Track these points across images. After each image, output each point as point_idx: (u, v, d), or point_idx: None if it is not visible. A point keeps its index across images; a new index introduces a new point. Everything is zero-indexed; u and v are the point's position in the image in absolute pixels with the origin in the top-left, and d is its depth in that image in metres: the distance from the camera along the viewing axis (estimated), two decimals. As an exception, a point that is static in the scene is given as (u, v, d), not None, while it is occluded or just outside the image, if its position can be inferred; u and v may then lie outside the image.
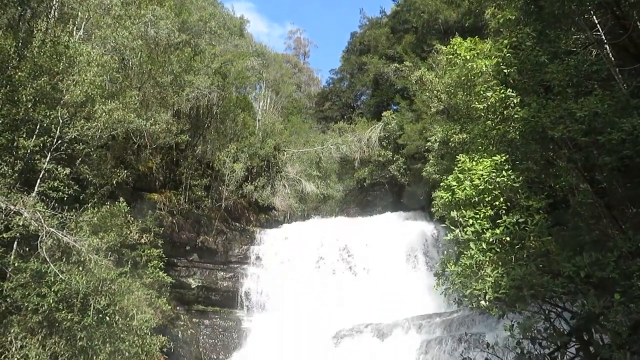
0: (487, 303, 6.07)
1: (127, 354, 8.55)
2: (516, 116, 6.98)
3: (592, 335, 5.77)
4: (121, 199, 10.20)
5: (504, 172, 6.57)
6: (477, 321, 10.17)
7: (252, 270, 15.40)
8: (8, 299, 7.95)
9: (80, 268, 8.44)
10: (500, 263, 6.03)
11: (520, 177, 6.62)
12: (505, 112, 7.40)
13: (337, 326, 12.83)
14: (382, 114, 21.81)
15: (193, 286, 14.17)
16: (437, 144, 14.69)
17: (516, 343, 6.12)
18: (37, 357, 7.54)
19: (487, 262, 6.10)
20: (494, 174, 6.57)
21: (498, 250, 6.18)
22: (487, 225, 6.25)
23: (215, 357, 12.99)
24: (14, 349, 7.41)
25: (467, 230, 6.28)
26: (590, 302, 5.19)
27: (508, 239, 6.16)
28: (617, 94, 6.56)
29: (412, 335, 11.27)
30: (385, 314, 13.41)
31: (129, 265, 10.05)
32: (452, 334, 10.46)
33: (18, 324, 7.76)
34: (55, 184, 9.19)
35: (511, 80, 7.72)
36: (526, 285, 5.66)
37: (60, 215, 8.58)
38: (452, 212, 6.52)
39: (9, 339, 7.48)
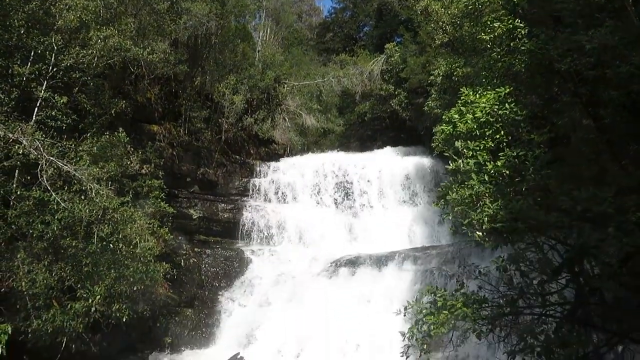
0: (483, 234, 6.20)
1: (131, 279, 8.83)
2: (523, 48, 6.81)
3: (583, 268, 5.94)
4: (120, 130, 10.16)
5: (506, 105, 6.51)
6: (472, 254, 10.41)
7: (252, 202, 15.59)
8: (13, 226, 8.10)
9: (82, 197, 8.54)
10: (499, 195, 6.10)
11: (524, 111, 6.57)
12: (512, 44, 7.22)
13: (335, 256, 13.18)
14: (385, 47, 21.23)
15: (194, 217, 14.41)
16: (440, 78, 14.42)
17: (507, 272, 6.33)
18: (44, 281, 7.79)
19: (486, 194, 6.17)
20: (496, 107, 6.51)
21: (498, 182, 6.23)
22: (488, 158, 6.27)
23: (217, 284, 13.41)
24: (21, 273, 7.65)
25: (469, 162, 6.31)
26: (585, 235, 5.29)
27: (508, 172, 6.19)
28: (629, 26, 6.36)
29: (407, 266, 11.59)
30: (383, 247, 13.77)
31: (131, 195, 10.18)
32: (446, 265, 10.77)
33: (24, 249, 7.97)
34: (53, 113, 9.14)
35: (520, 11, 7.46)
36: (522, 218, 5.74)
37: (60, 145, 8.58)
38: (456, 142, 6.51)
39: (16, 263, 7.70)
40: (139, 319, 10.12)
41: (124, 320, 9.01)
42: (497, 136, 6.46)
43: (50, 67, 9.26)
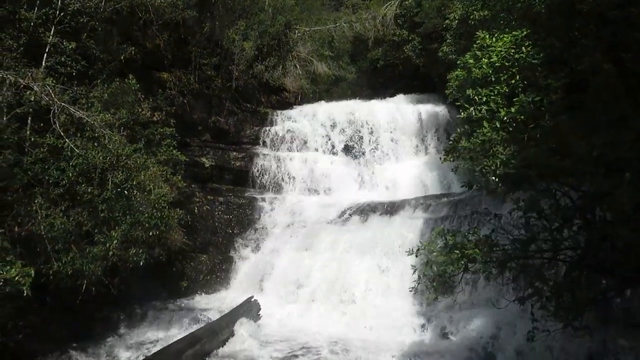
0: (496, 180, 6.18)
1: (146, 225, 9.01)
2: (544, -13, 6.52)
3: (596, 214, 5.93)
4: (130, 76, 10.08)
5: (523, 49, 6.31)
6: (484, 202, 10.43)
7: (263, 150, 15.60)
8: (29, 172, 8.23)
9: (95, 144, 8.61)
10: (512, 142, 6.03)
11: (541, 54, 6.37)
12: (532, -16, 6.91)
13: (346, 204, 13.28)
14: (399, -11, 20.47)
15: (206, 165, 14.48)
16: (456, 22, 13.95)
17: (519, 217, 6.34)
18: (62, 225, 7.98)
19: (499, 141, 6.09)
20: (513, 51, 6.32)
21: (511, 129, 6.13)
22: (502, 104, 6.15)
23: (230, 231, 13.66)
24: (39, 218, 7.83)
25: (481, 109, 6.20)
26: (599, 181, 5.24)
27: (522, 117, 6.08)
28: (657, -39, 6.02)
29: (419, 214, 11.66)
30: (394, 195, 13.83)
31: (143, 143, 10.24)
32: (458, 212, 10.81)
33: (41, 195, 8.12)
34: (63, 59, 9.09)
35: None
36: (535, 164, 5.69)
37: (70, 91, 8.57)
38: (467, 90, 6.37)
39: (34, 208, 7.87)
40: (156, 263, 10.42)
41: (141, 264, 9.28)
42: (513, 81, 6.31)
43: (58, 12, 9.13)
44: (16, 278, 6.56)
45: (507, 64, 6.38)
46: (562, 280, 5.52)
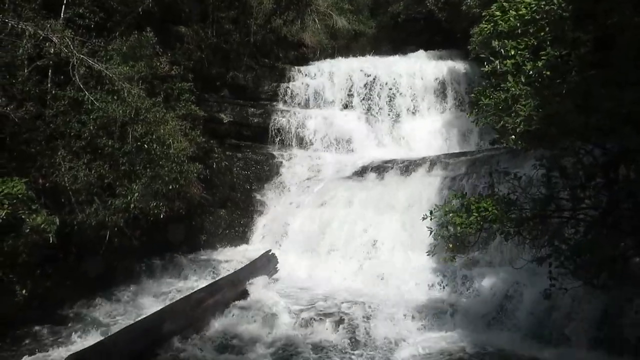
0: (516, 137, 6.07)
1: (166, 178, 9.15)
2: None
3: (619, 173, 5.82)
4: (148, 29, 9.99)
5: (554, 0, 6.05)
6: (503, 160, 10.29)
7: (281, 107, 15.51)
8: (51, 125, 8.35)
9: (115, 97, 8.65)
10: (536, 98, 5.88)
11: (570, 6, 6.11)
12: None
13: (364, 161, 13.26)
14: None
15: (225, 121, 14.50)
16: (482, -27, 13.41)
17: (539, 176, 6.26)
18: (85, 178, 8.16)
19: (523, 96, 5.95)
20: (543, 3, 6.07)
21: (537, 84, 5.97)
22: (529, 57, 5.96)
23: (248, 187, 13.80)
24: (63, 170, 8.00)
25: (506, 62, 6.03)
26: (626, 138, 5.12)
27: (548, 72, 5.90)
28: None
29: (437, 172, 11.58)
30: (413, 153, 13.73)
31: (162, 97, 10.26)
32: (476, 171, 10.71)
33: (64, 148, 8.27)
34: (81, 11, 9.03)
35: None
36: (559, 121, 5.57)
37: (89, 43, 8.56)
38: (493, 41, 6.18)
39: (58, 160, 8.04)
40: (176, 217, 10.62)
41: (161, 217, 9.48)
42: (541, 34, 6.08)
43: (75, -38, 9.01)
44: (42, 226, 6.78)
45: (536, 16, 6.14)
46: (582, 239, 5.48)
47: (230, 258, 10.94)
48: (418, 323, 7.93)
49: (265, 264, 9.86)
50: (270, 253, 10.22)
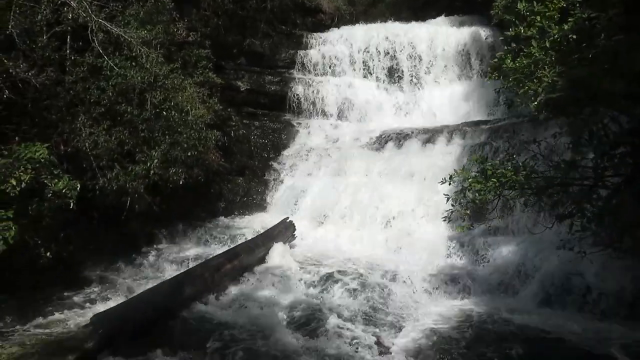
0: (539, 104, 5.93)
1: (185, 145, 9.22)
2: None
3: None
4: (164, -7, 9.90)
5: (583, -41, 5.81)
6: (525, 129, 10.13)
7: (299, 75, 15.37)
8: (71, 91, 8.41)
9: (133, 63, 8.65)
10: (561, 63, 5.71)
11: (601, -34, 5.85)
12: None
13: (382, 130, 13.15)
14: None
15: (242, 89, 14.45)
16: None
17: (562, 143, 6.15)
18: (106, 143, 8.26)
19: (547, 62, 5.78)
20: (571, -38, 5.83)
21: (562, 49, 5.78)
22: (555, 21, 5.77)
23: (265, 155, 13.84)
24: (84, 135, 8.09)
25: (531, 26, 5.85)
26: (654, 103, 4.97)
27: (575, 36, 5.71)
28: None
29: (456, 140, 11.45)
30: (432, 121, 13.57)
31: (179, 64, 10.23)
32: (497, 139, 10.56)
33: (84, 114, 8.34)
34: (97, -25, 8.96)
35: None
36: (585, 86, 5.41)
37: (107, 8, 8.53)
38: (519, 4, 5.97)
39: (78, 126, 8.12)
40: (194, 184, 10.72)
41: (180, 183, 9.59)
42: (569, -6, 5.86)
43: None
44: (64, 190, 6.90)
45: (564, -23, 5.91)
46: (605, 204, 5.40)
47: (248, 225, 11.07)
48: (434, 290, 7.98)
49: (283, 231, 9.95)
50: (287, 220, 10.30)
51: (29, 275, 7.79)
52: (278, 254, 9.15)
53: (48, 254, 7.45)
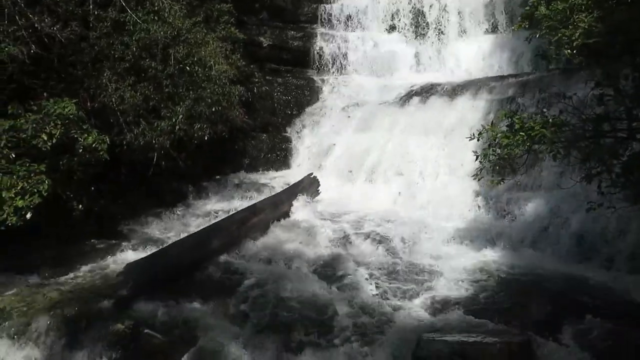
0: (573, 52, 5.72)
1: (209, 100, 9.23)
2: None
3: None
4: (184, -55, 9.70)
5: None
6: (555, 82, 9.81)
7: (322, 29, 15.07)
8: (95, 47, 8.43)
9: (156, 17, 8.60)
10: (598, 7, 5.46)
11: None
12: None
13: (407, 85, 12.91)
14: None
15: (264, 45, 14.28)
16: None
17: (594, 94, 5.96)
18: (131, 99, 8.32)
19: (583, 6, 5.53)
20: None
21: (599, -8, 5.52)
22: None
23: (289, 112, 13.76)
24: (109, 90, 8.16)
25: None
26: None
27: (614, -22, 5.43)
28: None
29: (483, 95, 11.17)
30: (458, 76, 13.24)
31: (201, 17, 10.13)
32: (526, 94, 10.27)
33: (109, 69, 8.38)
34: None
35: None
36: (624, 31, 5.18)
37: (128, -39, 8.42)
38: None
39: (104, 81, 8.18)
40: (219, 140, 10.81)
41: (205, 139, 9.67)
42: None
43: None
44: (94, 145, 7.03)
45: None
46: (635, 157, 5.26)
47: (272, 181, 11.16)
48: (458, 244, 8.00)
49: (307, 186, 10.01)
50: (312, 176, 10.34)
51: (63, 228, 8.06)
52: (302, 209, 9.24)
53: (80, 206, 7.68)
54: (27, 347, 5.58)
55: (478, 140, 6.64)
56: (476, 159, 6.67)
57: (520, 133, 5.96)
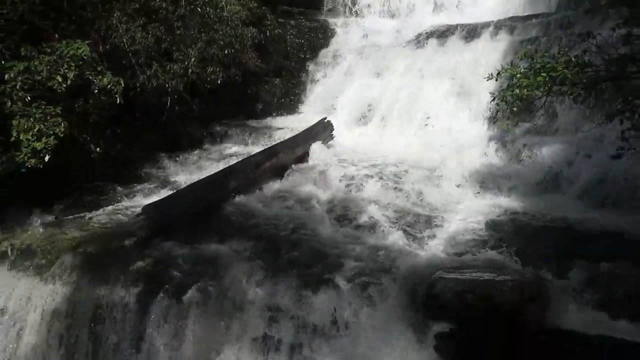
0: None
1: (221, 42, 9.08)
2: None
3: None
4: None
5: None
6: (580, 22, 9.47)
7: (336, -32, 14.51)
8: (105, -13, 8.25)
9: (164, -47, 8.35)
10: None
11: None
12: None
13: (423, 28, 12.52)
14: None
15: (276, -15, 13.82)
16: None
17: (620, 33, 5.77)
18: (143, 40, 8.21)
19: (615, -64, 5.23)
20: None
21: None
22: None
23: (302, 55, 13.49)
24: (120, 31, 8.05)
25: None
26: None
27: None
28: None
29: (502, 36, 10.83)
30: (477, 18, 12.76)
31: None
32: (548, 35, 9.93)
33: (119, 10, 8.22)
34: None
35: None
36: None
37: None
38: None
39: (114, 22, 8.05)
40: (231, 84, 10.73)
41: (219, 82, 9.60)
42: None
43: None
44: (108, 87, 7.01)
45: None
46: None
47: (286, 125, 11.08)
48: (472, 189, 7.97)
49: (321, 130, 9.96)
50: (325, 120, 10.26)
51: (81, 171, 8.20)
52: (316, 153, 9.24)
53: (98, 149, 7.75)
54: (53, 283, 5.82)
55: (496, 80, 6.52)
56: (492, 100, 6.57)
57: (542, 74, 5.82)
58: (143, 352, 5.31)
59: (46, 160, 6.65)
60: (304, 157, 9.20)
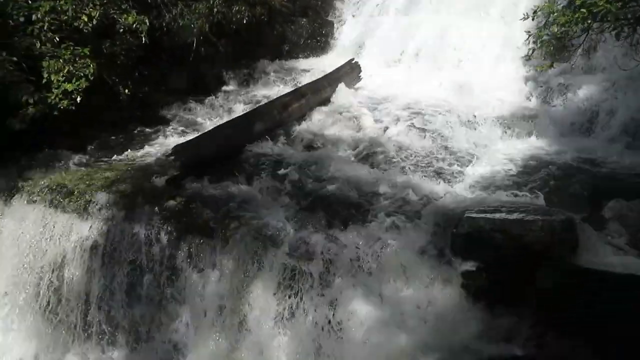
0: None
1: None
2: None
3: None
4: None
5: None
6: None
7: None
8: None
9: None
10: None
11: None
12: None
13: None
14: None
15: None
16: None
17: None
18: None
19: None
20: None
21: None
22: None
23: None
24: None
25: None
26: None
27: None
28: None
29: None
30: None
31: None
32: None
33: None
34: None
35: None
36: None
37: None
38: None
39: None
40: (258, 25, 10.51)
41: (244, 22, 9.42)
42: None
43: None
44: (134, 25, 6.97)
45: None
46: None
47: (313, 67, 10.87)
48: (503, 130, 7.79)
49: (349, 72, 9.76)
50: (353, 61, 10.03)
51: (110, 113, 8.31)
52: (343, 95, 9.09)
53: (126, 91, 7.81)
54: (90, 220, 6.05)
55: (533, 19, 6.27)
56: (527, 38, 6.34)
57: (581, 10, 5.53)
58: (176, 286, 5.55)
59: (78, 101, 6.76)
60: (330, 99, 9.08)
